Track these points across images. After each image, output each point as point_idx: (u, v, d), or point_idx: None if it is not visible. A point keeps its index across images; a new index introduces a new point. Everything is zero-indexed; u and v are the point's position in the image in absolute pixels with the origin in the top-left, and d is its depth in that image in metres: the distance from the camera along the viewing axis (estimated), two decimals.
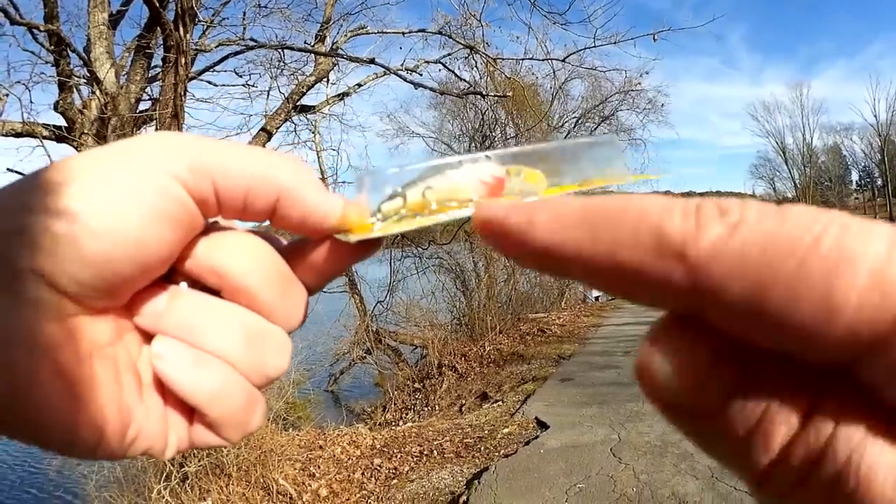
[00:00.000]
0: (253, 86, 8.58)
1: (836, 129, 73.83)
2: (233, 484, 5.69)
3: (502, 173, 0.37)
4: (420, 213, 0.37)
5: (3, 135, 6.52)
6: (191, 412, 0.37)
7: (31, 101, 6.74)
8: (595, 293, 22.10)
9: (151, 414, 0.36)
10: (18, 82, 6.70)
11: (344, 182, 17.97)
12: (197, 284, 0.37)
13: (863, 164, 79.34)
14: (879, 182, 76.24)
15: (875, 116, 68.83)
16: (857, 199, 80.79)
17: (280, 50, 8.14)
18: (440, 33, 8.64)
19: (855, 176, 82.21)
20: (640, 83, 21.45)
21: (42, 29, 6.19)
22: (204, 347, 0.35)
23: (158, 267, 0.34)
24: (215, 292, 0.37)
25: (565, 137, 22.90)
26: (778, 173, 69.87)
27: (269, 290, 0.36)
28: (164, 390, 0.37)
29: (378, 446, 7.73)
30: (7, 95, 6.56)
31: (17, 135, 6.60)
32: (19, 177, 0.34)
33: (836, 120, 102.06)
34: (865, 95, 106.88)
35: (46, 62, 6.83)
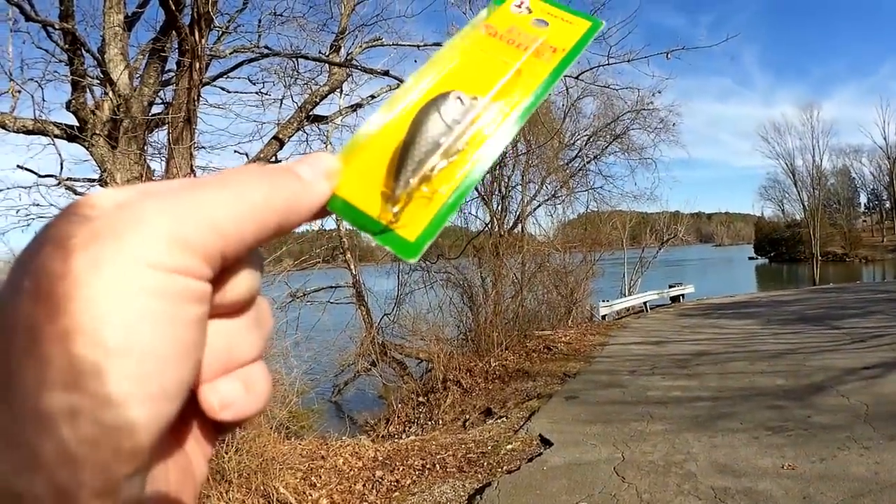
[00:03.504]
0: (266, 94, 8.65)
1: (845, 150, 74.07)
2: (233, 490, 5.67)
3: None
4: (427, 183, 0.39)
5: (14, 131, 6.52)
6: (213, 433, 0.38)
7: (44, 99, 6.82)
8: (602, 312, 22.01)
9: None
10: (31, 79, 6.75)
11: None
12: None
13: (871, 186, 79.28)
14: (888, 205, 76.02)
15: (884, 139, 68.94)
16: (864, 221, 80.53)
17: (294, 59, 8.21)
18: None
19: (864, 198, 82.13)
20: (652, 102, 21.49)
21: (57, 27, 6.22)
22: (241, 362, 0.36)
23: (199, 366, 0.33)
24: None
25: (576, 155, 22.94)
26: (787, 195, 69.93)
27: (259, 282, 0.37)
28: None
29: (380, 458, 7.70)
30: (20, 92, 6.57)
31: (29, 132, 6.63)
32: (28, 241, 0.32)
33: (846, 142, 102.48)
34: (875, 117, 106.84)
35: (60, 61, 6.88)
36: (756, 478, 5.80)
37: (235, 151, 8.32)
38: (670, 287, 27.19)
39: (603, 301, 22.80)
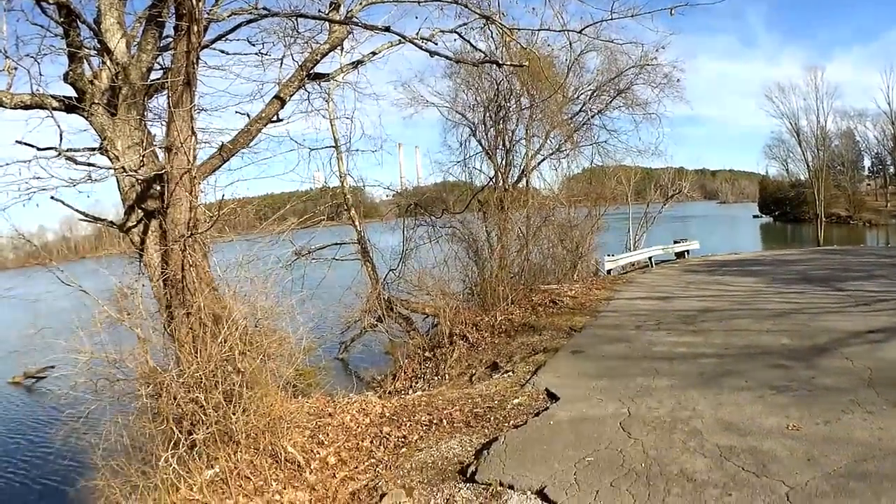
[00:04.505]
0: (266, 54, 8.48)
1: (849, 114, 72.83)
2: (241, 451, 5.72)
3: None
4: None
5: (11, 107, 6.50)
6: None
7: (41, 74, 6.76)
8: (607, 266, 22.02)
9: None
10: (27, 55, 6.68)
11: (357, 150, 17.94)
12: None
13: (875, 150, 78.52)
14: (892, 170, 75.60)
15: (889, 104, 67.74)
16: (869, 185, 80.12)
17: (294, 18, 8.00)
18: (456, 2, 8.42)
19: (868, 162, 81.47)
20: (656, 58, 21.08)
21: (51, 1, 6.15)
22: None
23: None
24: None
25: (580, 110, 22.61)
26: (791, 155, 69.71)
27: None
28: None
29: (387, 414, 7.77)
30: (16, 69, 6.53)
31: (27, 107, 6.60)
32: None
33: (851, 105, 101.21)
34: (880, 83, 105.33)
35: (56, 35, 6.82)
36: (761, 437, 5.83)
37: (237, 112, 8.20)
38: (675, 243, 27.19)
39: (608, 255, 22.81)
